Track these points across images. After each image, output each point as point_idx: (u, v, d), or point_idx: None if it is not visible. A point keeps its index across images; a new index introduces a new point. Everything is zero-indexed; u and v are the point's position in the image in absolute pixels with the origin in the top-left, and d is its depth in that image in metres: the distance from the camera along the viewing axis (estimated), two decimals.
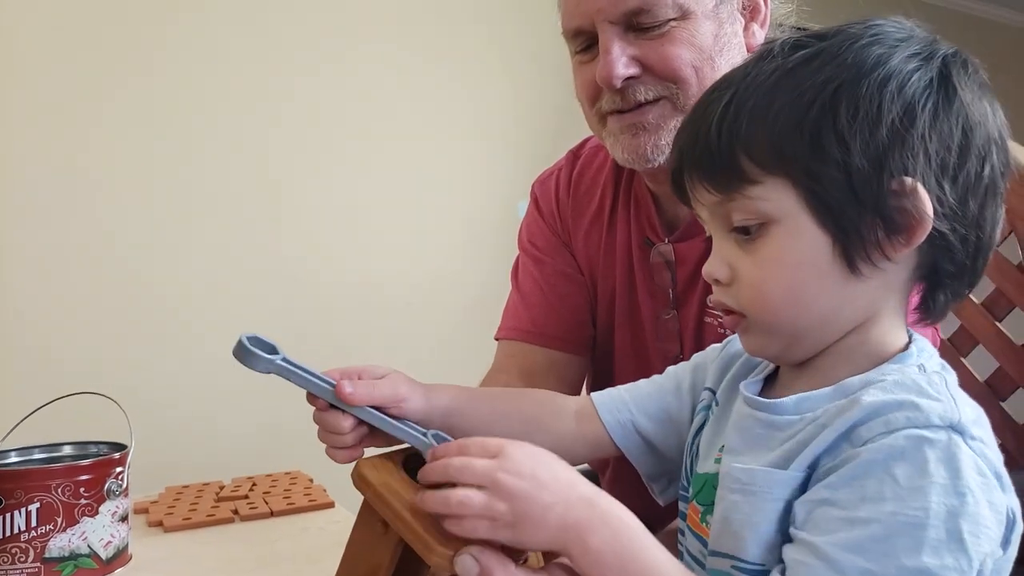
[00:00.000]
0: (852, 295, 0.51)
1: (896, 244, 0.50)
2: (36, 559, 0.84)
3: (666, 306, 0.93)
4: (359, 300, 2.06)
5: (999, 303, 1.17)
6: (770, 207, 0.50)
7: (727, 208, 0.52)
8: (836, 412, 0.49)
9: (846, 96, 0.49)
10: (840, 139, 0.48)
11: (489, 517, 0.49)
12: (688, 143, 0.55)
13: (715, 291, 0.56)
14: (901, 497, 0.44)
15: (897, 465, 0.45)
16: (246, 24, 1.91)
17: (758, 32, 0.89)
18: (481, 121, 2.22)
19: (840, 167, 0.49)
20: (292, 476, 1.26)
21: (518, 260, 1.07)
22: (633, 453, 0.67)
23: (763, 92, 0.51)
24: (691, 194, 0.55)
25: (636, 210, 0.96)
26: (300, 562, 0.93)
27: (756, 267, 0.52)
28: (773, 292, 0.51)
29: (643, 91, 0.83)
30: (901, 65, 0.50)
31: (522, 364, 0.98)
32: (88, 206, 1.76)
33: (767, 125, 0.50)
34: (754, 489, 0.50)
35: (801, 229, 0.50)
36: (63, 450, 0.97)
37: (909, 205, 0.49)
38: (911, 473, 0.44)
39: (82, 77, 1.74)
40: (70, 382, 1.01)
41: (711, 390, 0.63)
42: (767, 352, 0.56)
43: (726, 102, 0.52)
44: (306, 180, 2.00)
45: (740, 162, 0.51)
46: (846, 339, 0.53)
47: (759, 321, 0.53)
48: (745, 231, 0.52)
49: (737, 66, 0.55)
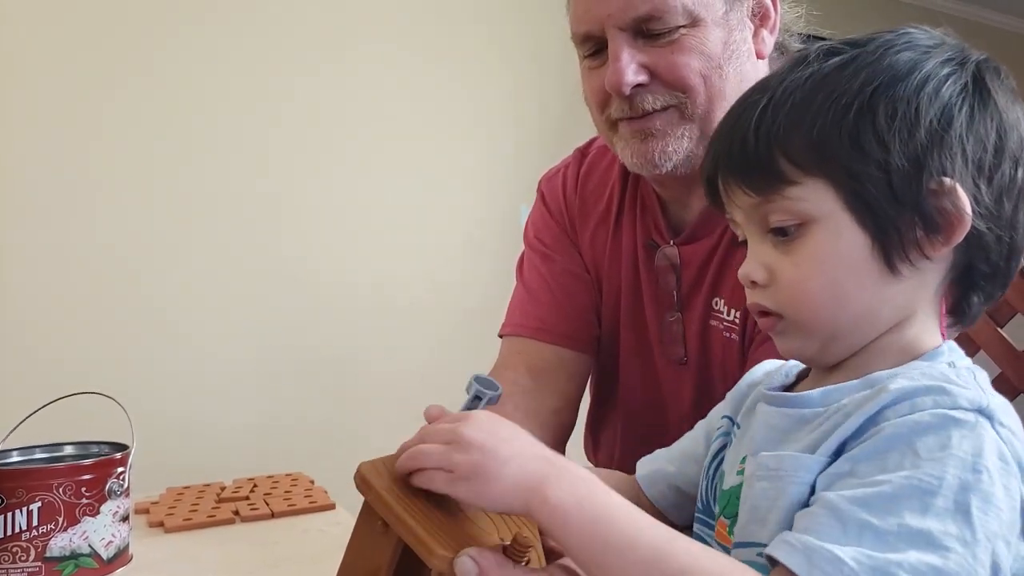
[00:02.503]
0: (890, 294, 0.52)
1: (935, 243, 0.51)
2: (37, 558, 0.84)
3: (671, 309, 0.93)
4: (360, 300, 2.06)
5: (1001, 309, 1.18)
6: (809, 207, 0.51)
7: (764, 210, 0.53)
8: (862, 400, 0.49)
9: (884, 98, 0.50)
10: (880, 139, 0.50)
11: (447, 467, 0.49)
12: (724, 147, 0.55)
13: (751, 294, 0.56)
14: (918, 465, 0.44)
15: (920, 439, 0.45)
16: (246, 24, 1.91)
17: (768, 38, 0.88)
18: (482, 122, 2.22)
19: (880, 167, 0.50)
20: (293, 478, 1.25)
21: (523, 256, 1.07)
22: (661, 504, 0.68)
23: (800, 95, 0.52)
24: (726, 198, 0.56)
25: (642, 212, 0.96)
26: (301, 563, 0.93)
27: (795, 267, 0.52)
28: (812, 291, 0.52)
29: (651, 100, 0.83)
30: (936, 69, 0.51)
31: (529, 361, 0.98)
32: (89, 206, 1.75)
33: (805, 127, 0.51)
34: (780, 474, 0.50)
35: (840, 228, 0.51)
36: (65, 450, 0.96)
37: (948, 204, 0.50)
38: (932, 446, 0.45)
39: (82, 77, 1.74)
40: (72, 382, 1.01)
41: (729, 418, 0.63)
42: (804, 353, 0.56)
43: (763, 105, 0.53)
44: (306, 180, 2.00)
45: (778, 164, 0.52)
46: (881, 339, 0.53)
47: (797, 321, 0.53)
48: (783, 232, 0.53)
49: (771, 73, 0.56)
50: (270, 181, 1.95)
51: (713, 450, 0.63)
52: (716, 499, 0.60)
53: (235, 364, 1.90)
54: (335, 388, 2.00)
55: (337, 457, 1.12)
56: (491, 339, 1.07)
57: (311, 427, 1.94)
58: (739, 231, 0.57)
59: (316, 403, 1.96)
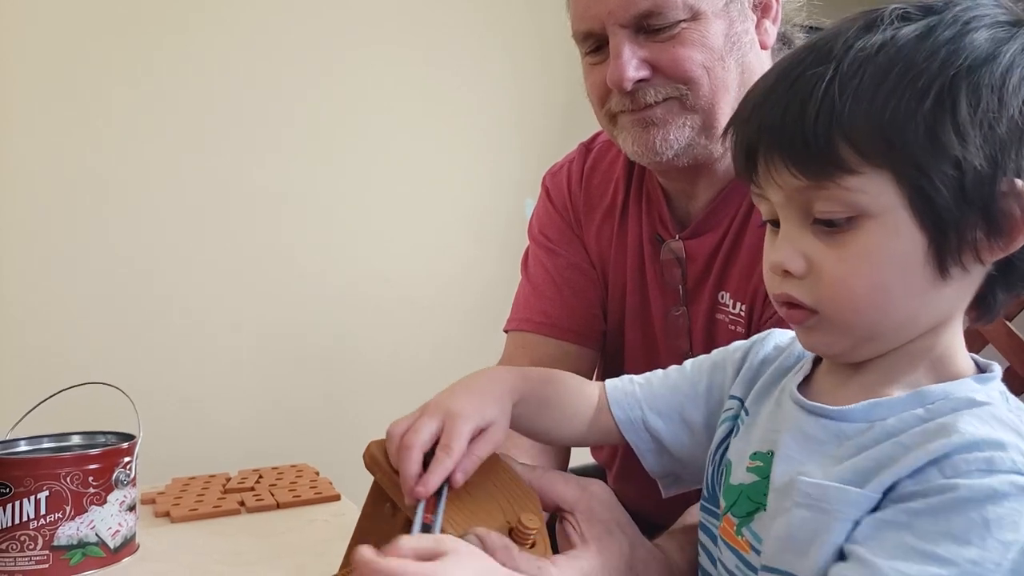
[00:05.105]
0: (935, 298, 0.48)
1: (994, 247, 0.47)
2: (45, 547, 0.85)
3: (676, 302, 0.93)
4: (366, 294, 2.06)
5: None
6: (867, 200, 0.46)
7: (812, 196, 0.48)
8: (924, 435, 0.45)
9: (966, 85, 0.45)
10: (960, 133, 0.44)
11: None
12: (775, 119, 0.48)
13: (779, 282, 0.51)
14: (987, 547, 0.41)
15: (993, 510, 0.41)
16: (251, 22, 1.91)
17: (771, 28, 0.88)
18: (487, 116, 2.21)
19: (955, 164, 0.44)
20: (298, 469, 1.26)
21: (528, 251, 1.07)
22: (641, 449, 0.66)
23: (871, 71, 0.46)
24: (765, 174, 0.49)
25: (648, 206, 0.96)
26: (305, 554, 0.93)
27: (841, 263, 0.47)
28: (857, 290, 0.47)
29: (653, 93, 0.83)
30: (1019, 55, 0.46)
31: (534, 356, 0.98)
32: (95, 199, 1.76)
33: (875, 111, 0.45)
34: (825, 507, 0.47)
35: (899, 226, 0.46)
36: (72, 439, 0.97)
37: (1016, 208, 0.46)
38: (1005, 524, 0.41)
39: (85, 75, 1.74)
40: (79, 373, 1.01)
41: (738, 399, 0.60)
42: (831, 350, 0.52)
43: (829, 78, 0.46)
44: (311, 175, 2.00)
45: (839, 149, 0.46)
46: (915, 342, 0.50)
47: (835, 319, 0.49)
48: (829, 223, 0.47)
49: (831, 33, 0.49)
50: (275, 175, 1.96)
51: (721, 434, 0.60)
52: (722, 490, 0.58)
53: (241, 356, 1.91)
54: (340, 380, 2.01)
55: (342, 448, 1.13)
56: (496, 334, 1.07)
57: (316, 419, 1.94)
58: (767, 210, 0.52)
59: (321, 395, 1.97)
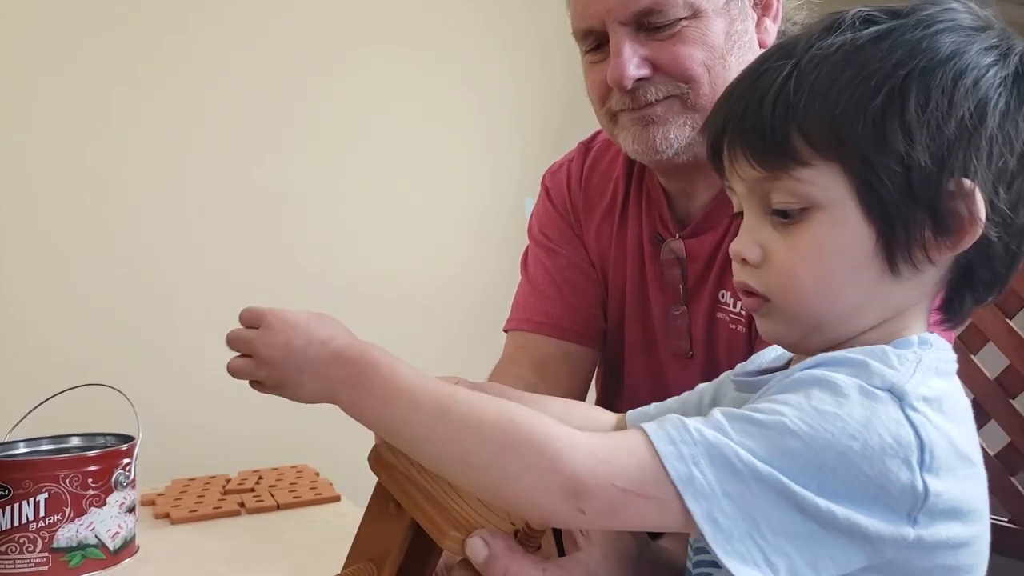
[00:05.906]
0: (884, 293, 0.49)
1: (942, 246, 0.48)
2: (44, 549, 0.85)
3: (676, 302, 0.92)
4: (365, 295, 2.06)
5: (1010, 301, 1.17)
6: (817, 192, 0.48)
7: (768, 187, 0.50)
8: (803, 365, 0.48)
9: (917, 84, 0.46)
10: (906, 131, 0.46)
11: (257, 380, 0.58)
12: (737, 112, 0.51)
13: (739, 271, 0.53)
14: (801, 409, 0.43)
15: (815, 388, 0.44)
16: (251, 22, 1.91)
17: (771, 27, 0.88)
18: (486, 115, 2.21)
19: (901, 160, 0.46)
20: (298, 470, 1.26)
21: (528, 250, 1.06)
22: None
23: (827, 68, 0.48)
24: (729, 165, 0.52)
25: (648, 205, 0.96)
26: (305, 555, 0.93)
27: (791, 252, 0.49)
28: (805, 280, 0.49)
29: (653, 91, 0.83)
30: (978, 58, 0.47)
31: (534, 356, 0.97)
32: (93, 199, 1.76)
33: (828, 105, 0.47)
34: None
35: (846, 219, 0.48)
36: (71, 441, 0.97)
37: (963, 208, 0.47)
38: (824, 397, 0.43)
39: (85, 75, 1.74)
40: (78, 375, 1.01)
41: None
42: (784, 340, 0.54)
43: (785, 74, 0.48)
44: (311, 175, 2.00)
45: (793, 141, 0.48)
46: (867, 335, 0.51)
47: (784, 308, 0.51)
48: (784, 214, 0.49)
49: (799, 33, 0.52)
50: (275, 175, 1.95)
51: None
52: None
53: None
54: None
55: (342, 449, 1.12)
56: (496, 334, 1.07)
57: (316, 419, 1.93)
58: (735, 202, 0.54)
59: None
